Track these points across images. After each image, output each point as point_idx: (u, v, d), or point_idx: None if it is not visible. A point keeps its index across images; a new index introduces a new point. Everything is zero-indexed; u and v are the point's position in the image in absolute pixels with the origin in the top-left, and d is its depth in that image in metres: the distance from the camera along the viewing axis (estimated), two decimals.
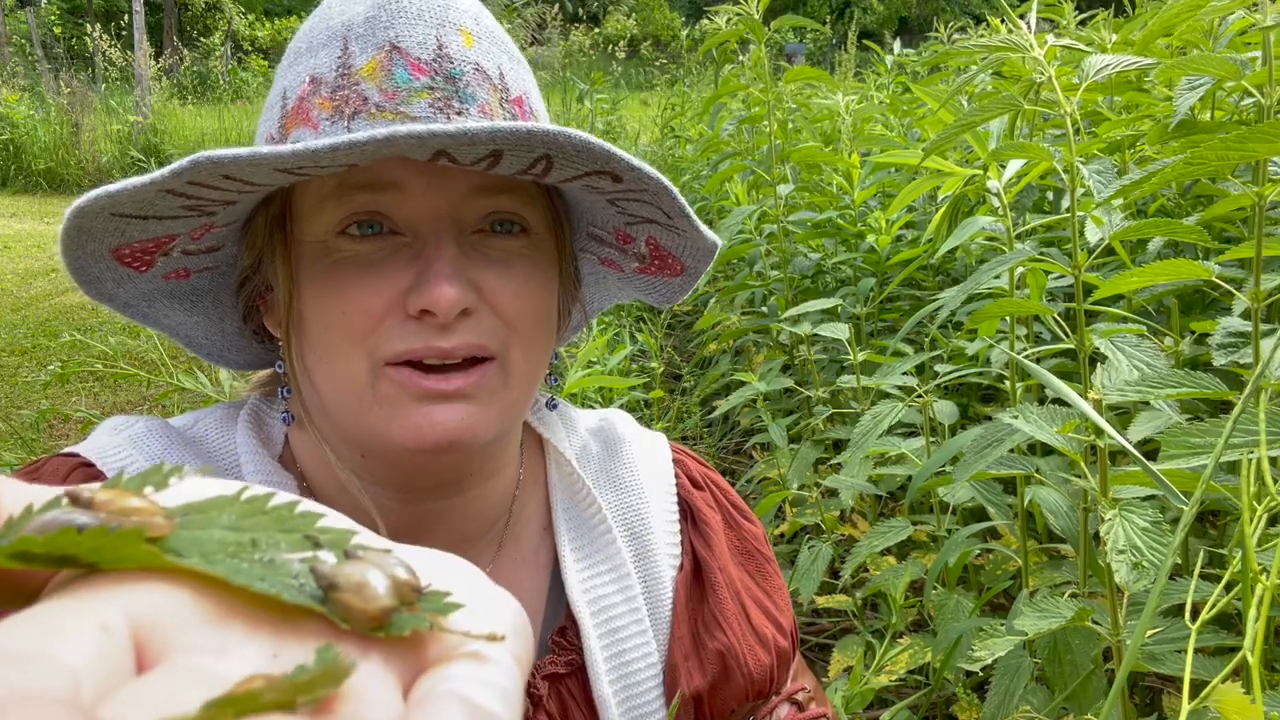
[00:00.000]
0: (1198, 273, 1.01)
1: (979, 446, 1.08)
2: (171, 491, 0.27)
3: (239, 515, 0.25)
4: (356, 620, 0.24)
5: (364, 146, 0.53)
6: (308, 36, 0.67)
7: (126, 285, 0.67)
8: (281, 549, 0.25)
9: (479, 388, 0.64)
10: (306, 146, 0.53)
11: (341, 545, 0.26)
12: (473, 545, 0.76)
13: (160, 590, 0.23)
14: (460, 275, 0.62)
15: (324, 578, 0.24)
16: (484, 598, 0.28)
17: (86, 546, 0.23)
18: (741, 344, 3.28)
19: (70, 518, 0.23)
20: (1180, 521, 0.46)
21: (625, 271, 0.78)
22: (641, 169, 0.60)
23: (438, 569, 0.28)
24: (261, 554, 0.24)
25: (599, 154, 0.58)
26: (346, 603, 0.24)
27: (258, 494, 0.26)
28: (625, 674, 0.75)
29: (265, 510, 0.26)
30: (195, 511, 0.25)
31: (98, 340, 3.92)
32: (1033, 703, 1.20)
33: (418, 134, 0.52)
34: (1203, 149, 0.79)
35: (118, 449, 0.68)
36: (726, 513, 0.86)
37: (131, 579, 0.23)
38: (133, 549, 0.23)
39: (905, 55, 4.52)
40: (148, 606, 0.23)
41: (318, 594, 0.24)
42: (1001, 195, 1.46)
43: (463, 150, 0.56)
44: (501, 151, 0.57)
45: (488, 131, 0.53)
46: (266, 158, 0.53)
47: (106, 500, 0.24)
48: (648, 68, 16.19)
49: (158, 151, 10.73)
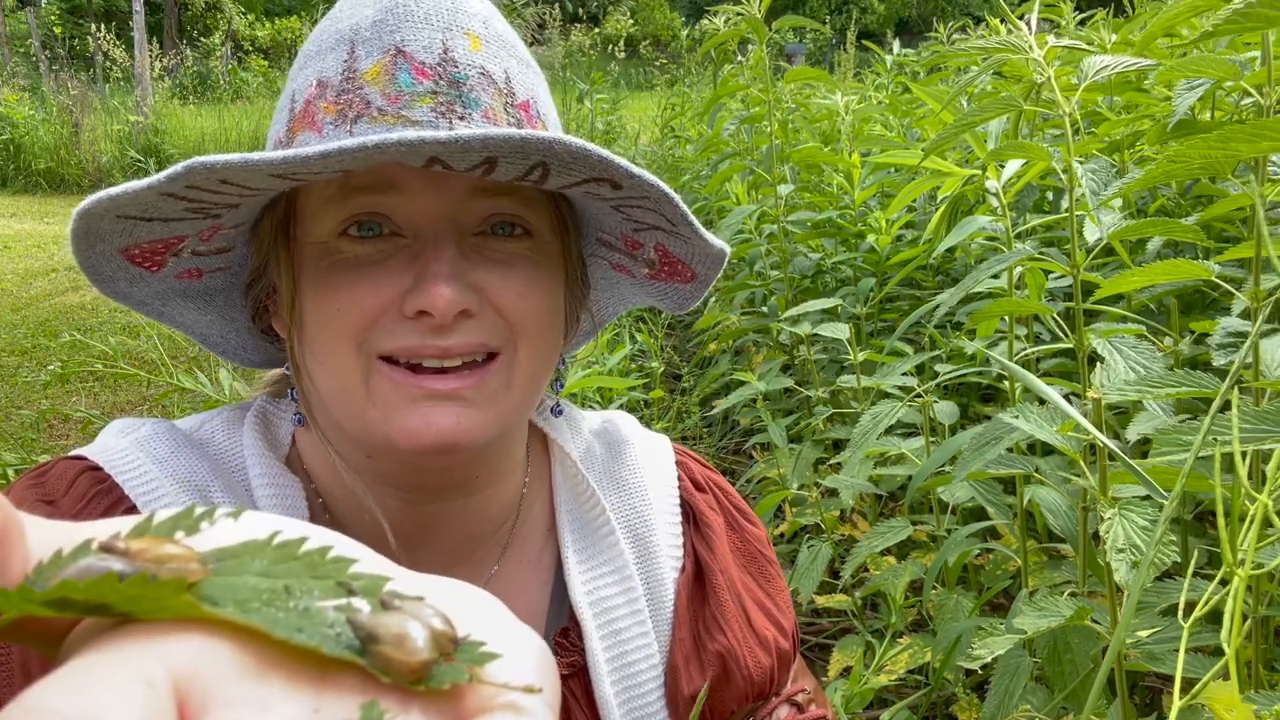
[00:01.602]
0: (1197, 272, 1.01)
1: (977, 445, 1.08)
2: (202, 535, 0.26)
3: (271, 561, 0.25)
4: (397, 673, 0.24)
5: (355, 153, 0.53)
6: (317, 40, 0.67)
7: (139, 284, 0.68)
8: (315, 596, 0.25)
9: (477, 390, 0.64)
10: (298, 153, 0.53)
11: (375, 592, 0.25)
12: (479, 546, 0.77)
13: (198, 641, 0.23)
14: (459, 277, 0.62)
15: (362, 629, 0.24)
16: (512, 640, 0.28)
17: (127, 595, 0.22)
18: (741, 344, 3.29)
19: (107, 565, 0.23)
20: (1162, 513, 0.47)
21: (636, 277, 0.78)
22: (641, 176, 0.60)
23: (465, 608, 0.28)
24: (296, 601, 0.24)
25: (596, 161, 0.58)
26: (387, 655, 0.24)
27: (289, 539, 0.26)
28: (627, 675, 0.75)
29: (297, 556, 0.26)
30: (228, 557, 0.25)
31: (98, 340, 3.92)
32: (1032, 702, 1.20)
33: (409, 141, 0.52)
34: (1185, 148, 0.79)
35: (124, 452, 0.68)
36: (729, 515, 0.86)
37: (168, 629, 0.23)
38: (173, 599, 0.23)
39: (904, 55, 4.52)
40: (187, 659, 0.22)
41: (355, 645, 0.24)
42: (1000, 195, 1.46)
43: (456, 157, 0.56)
44: (496, 158, 0.57)
45: (480, 139, 0.53)
46: (259, 163, 0.54)
47: (142, 548, 0.23)
48: (647, 68, 16.19)
49: (158, 152, 10.73)
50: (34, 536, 0.24)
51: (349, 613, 0.24)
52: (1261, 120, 0.75)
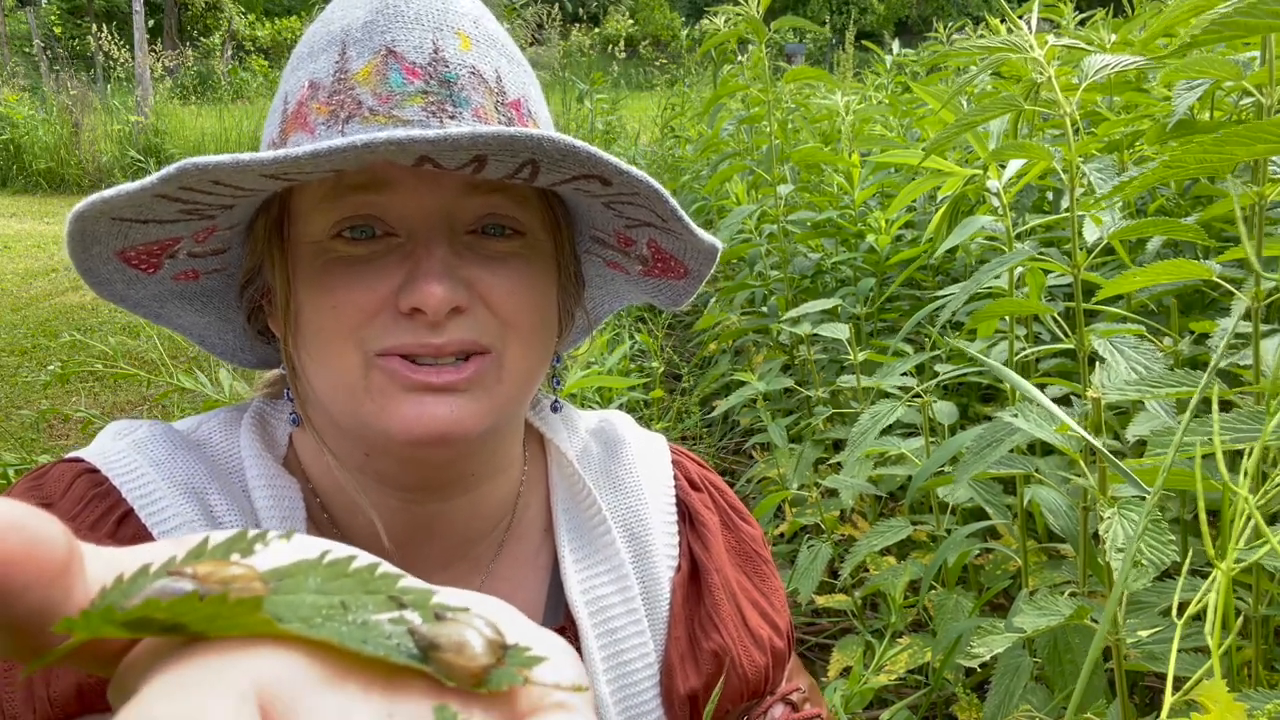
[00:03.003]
0: (1198, 272, 1.01)
1: (979, 446, 1.08)
2: (256, 556, 0.27)
3: (324, 578, 0.26)
4: (460, 678, 0.25)
5: (345, 152, 0.53)
6: (309, 42, 0.68)
7: (136, 286, 0.68)
8: (370, 610, 0.26)
9: (471, 382, 0.64)
10: (289, 153, 0.54)
11: (424, 605, 0.27)
12: (476, 545, 0.77)
13: (273, 656, 0.24)
14: (451, 274, 0.63)
15: (424, 638, 0.25)
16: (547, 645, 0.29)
17: (204, 614, 0.23)
18: (741, 344, 3.29)
19: (181, 586, 0.24)
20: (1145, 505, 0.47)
21: (630, 274, 0.79)
22: (630, 173, 0.60)
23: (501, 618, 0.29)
24: (353, 616, 0.25)
25: (584, 158, 0.58)
26: (449, 662, 0.25)
27: (339, 557, 0.27)
28: (623, 674, 0.75)
29: (349, 573, 0.27)
30: (284, 576, 0.26)
31: (98, 340, 3.92)
32: (1033, 702, 1.20)
33: (398, 139, 0.53)
34: (1180, 153, 0.80)
35: (121, 454, 0.68)
36: (724, 514, 0.86)
37: (242, 645, 0.24)
38: (248, 617, 0.24)
39: (904, 56, 4.52)
40: (268, 672, 0.23)
41: (416, 654, 0.25)
42: (1001, 195, 1.46)
43: (445, 155, 0.56)
44: (486, 156, 0.57)
45: (468, 137, 0.54)
46: (250, 164, 0.54)
47: (208, 571, 0.25)
48: (647, 68, 16.19)
49: (158, 152, 10.72)
50: (94, 565, 0.25)
51: (404, 624, 0.26)
52: (1258, 123, 0.75)
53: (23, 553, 0.23)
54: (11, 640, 0.24)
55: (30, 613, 0.23)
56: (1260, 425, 0.74)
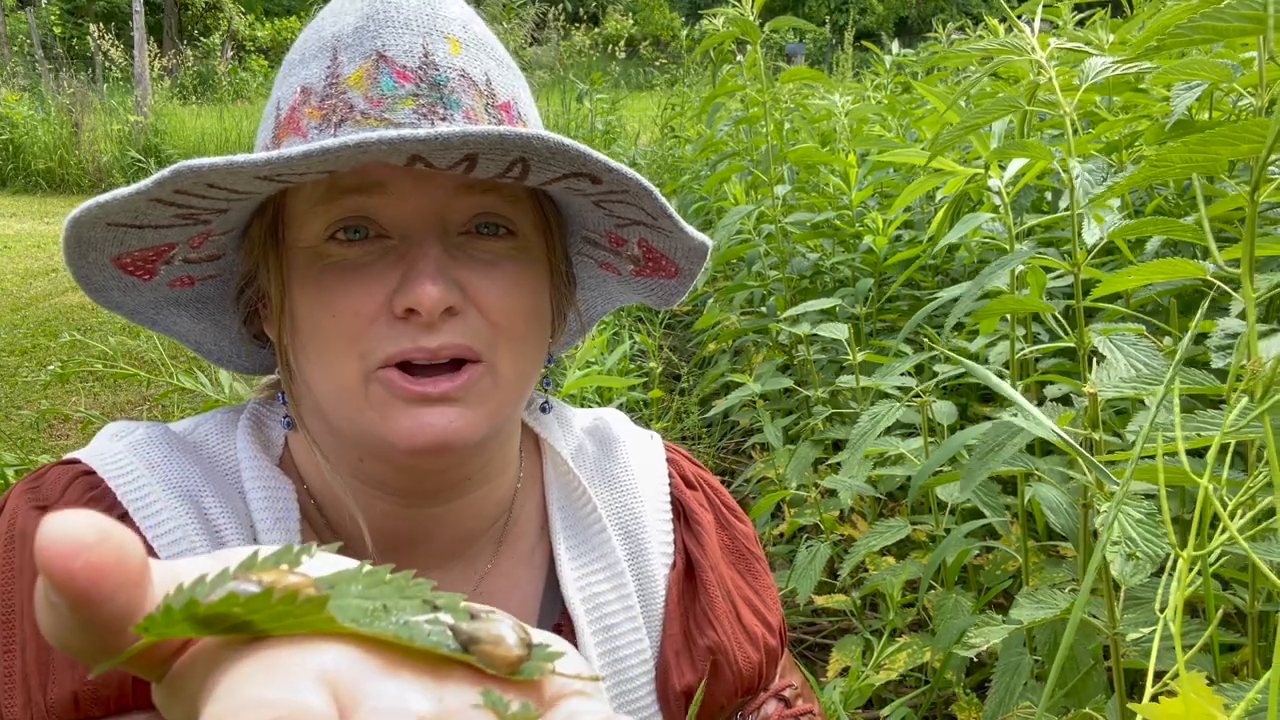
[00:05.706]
0: (1193, 271, 1.01)
1: (984, 451, 1.08)
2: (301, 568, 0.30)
3: (365, 585, 0.29)
4: (498, 667, 0.29)
5: (338, 153, 0.54)
6: (301, 48, 0.68)
7: (132, 293, 0.69)
8: (409, 612, 0.29)
9: (467, 390, 0.64)
10: (282, 153, 0.54)
11: (454, 607, 0.30)
12: (472, 544, 0.77)
13: (336, 649, 0.27)
14: (444, 274, 0.63)
15: (464, 633, 0.29)
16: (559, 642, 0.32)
17: (275, 612, 0.27)
18: (740, 344, 3.29)
19: (247, 587, 0.27)
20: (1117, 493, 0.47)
21: (622, 274, 0.79)
22: (619, 170, 0.61)
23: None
24: (396, 617, 0.29)
25: (574, 156, 0.58)
26: (489, 653, 0.29)
27: (377, 568, 0.30)
28: (619, 670, 0.75)
29: (386, 580, 0.30)
30: (332, 584, 0.29)
31: (98, 340, 3.92)
32: (1033, 700, 1.20)
33: (389, 139, 0.53)
34: (1166, 152, 0.80)
35: (117, 456, 0.68)
36: (719, 512, 0.86)
37: (304, 640, 0.27)
38: (313, 615, 0.27)
39: (903, 56, 4.52)
40: (332, 662, 0.26)
41: (458, 647, 0.29)
42: (1003, 194, 1.46)
43: (436, 154, 0.56)
44: (476, 155, 0.57)
45: (459, 136, 0.54)
46: (244, 165, 0.55)
47: (273, 579, 0.28)
48: (647, 68, 16.21)
49: (158, 152, 10.72)
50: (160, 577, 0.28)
51: (442, 624, 0.29)
52: (1242, 123, 0.75)
53: (114, 560, 0.25)
54: (91, 642, 0.26)
55: (115, 616, 0.26)
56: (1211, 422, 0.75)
